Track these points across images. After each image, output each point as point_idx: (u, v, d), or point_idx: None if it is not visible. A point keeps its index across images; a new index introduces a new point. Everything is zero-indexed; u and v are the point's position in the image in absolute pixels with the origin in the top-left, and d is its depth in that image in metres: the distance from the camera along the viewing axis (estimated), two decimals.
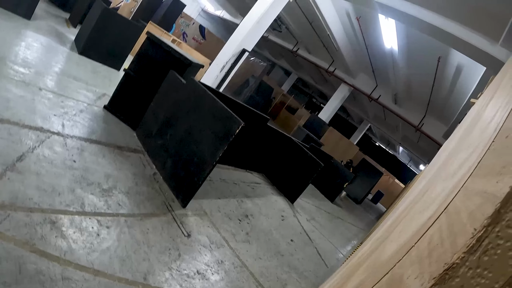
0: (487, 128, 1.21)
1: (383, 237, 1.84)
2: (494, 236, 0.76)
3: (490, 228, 0.77)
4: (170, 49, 5.08)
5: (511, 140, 0.87)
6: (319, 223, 7.45)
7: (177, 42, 12.00)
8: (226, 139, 3.87)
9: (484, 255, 0.76)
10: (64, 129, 3.87)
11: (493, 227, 0.77)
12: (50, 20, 9.16)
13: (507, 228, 0.75)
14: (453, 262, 0.79)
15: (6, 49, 5.11)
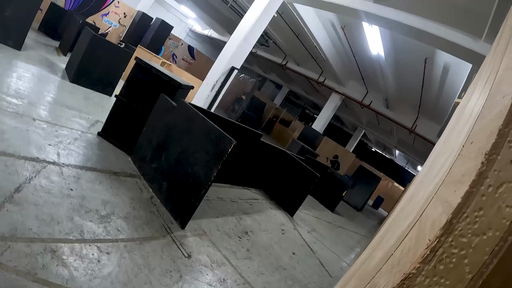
0: (462, 131, 1.25)
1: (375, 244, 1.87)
2: (448, 246, 0.81)
3: (443, 239, 0.82)
4: (159, 72, 5.16)
5: (475, 147, 0.91)
6: (320, 234, 7.45)
7: (166, 64, 12.13)
8: (219, 158, 3.91)
9: (440, 264, 0.81)
10: (59, 158, 3.90)
11: (446, 237, 0.81)
12: (40, 49, 9.27)
13: (460, 237, 0.80)
14: (409, 272, 0.83)
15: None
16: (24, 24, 7.46)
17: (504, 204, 0.79)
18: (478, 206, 0.82)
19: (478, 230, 0.80)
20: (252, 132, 6.69)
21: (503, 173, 0.82)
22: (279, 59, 21.66)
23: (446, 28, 6.89)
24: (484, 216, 0.80)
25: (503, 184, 0.81)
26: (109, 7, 17.50)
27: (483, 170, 0.84)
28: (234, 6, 16.27)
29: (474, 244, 0.79)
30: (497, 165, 0.83)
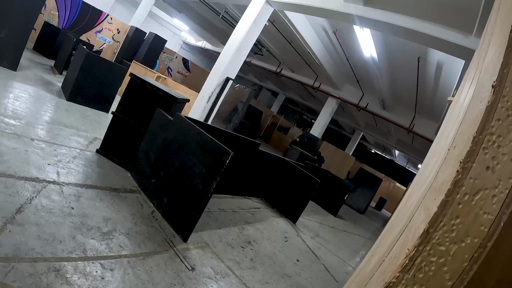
0: (449, 133, 1.26)
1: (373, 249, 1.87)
2: (426, 255, 0.83)
3: (421, 248, 0.83)
4: (154, 87, 5.19)
5: (455, 152, 0.93)
6: (324, 239, 7.44)
7: (162, 78, 12.18)
8: (218, 170, 3.93)
9: (419, 272, 0.83)
10: (59, 177, 3.92)
11: (424, 246, 0.83)
12: (36, 69, 9.34)
13: (438, 246, 0.82)
14: (390, 281, 0.85)
15: None
16: (18, 45, 7.53)
17: (481, 211, 0.81)
18: (454, 215, 0.84)
19: (456, 238, 0.81)
20: (250, 142, 6.71)
21: (479, 181, 0.83)
22: (273, 66, 21.77)
23: (437, 26, 6.93)
24: (461, 224, 0.82)
25: (479, 191, 0.83)
26: (102, 24, 17.66)
27: (459, 178, 0.86)
28: (226, 16, 16.39)
29: (453, 252, 0.81)
30: (472, 173, 0.85)
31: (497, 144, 0.84)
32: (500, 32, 0.96)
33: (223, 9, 15.94)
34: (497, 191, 0.80)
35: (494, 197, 0.80)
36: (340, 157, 18.91)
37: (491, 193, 0.81)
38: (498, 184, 0.81)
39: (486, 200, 0.81)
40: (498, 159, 0.83)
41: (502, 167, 0.81)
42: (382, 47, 10.68)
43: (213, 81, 10.32)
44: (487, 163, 0.84)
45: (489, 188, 0.81)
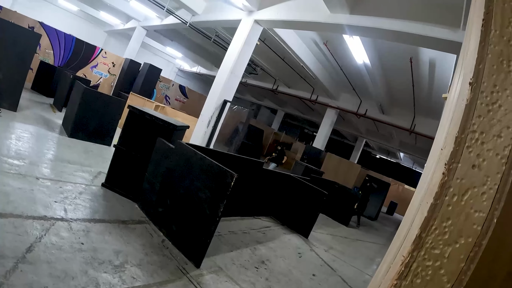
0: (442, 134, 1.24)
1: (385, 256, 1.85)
2: (421, 260, 0.82)
3: (416, 253, 0.83)
4: (153, 117, 5.24)
5: (444, 153, 0.92)
6: (338, 251, 7.35)
7: (160, 107, 12.28)
8: (223, 193, 3.93)
9: (416, 278, 0.82)
10: (67, 214, 3.93)
11: (418, 252, 0.83)
12: (35, 108, 9.46)
13: (432, 249, 0.81)
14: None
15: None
16: (16, 86, 7.69)
17: (472, 210, 0.81)
18: (445, 217, 0.83)
19: (449, 239, 0.81)
20: (253, 162, 6.73)
21: (466, 180, 0.83)
22: (269, 84, 21.94)
23: (424, 25, 6.94)
24: (453, 225, 0.82)
25: (468, 190, 0.82)
26: (97, 59, 17.93)
27: (445, 180, 0.86)
28: (217, 40, 16.61)
29: (448, 253, 0.80)
30: (459, 173, 0.85)
31: (481, 141, 0.84)
32: (476, 26, 0.97)
33: (213, 33, 16.19)
34: (486, 187, 0.80)
35: (484, 194, 0.80)
36: (346, 167, 18.80)
37: (480, 191, 0.81)
38: (486, 181, 0.81)
39: (476, 198, 0.81)
40: (483, 156, 0.83)
41: (489, 163, 0.82)
42: (373, 52, 10.77)
43: (211, 105, 10.41)
44: (473, 161, 0.84)
45: (478, 186, 0.81)
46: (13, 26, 7.61)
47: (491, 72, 0.87)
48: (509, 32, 0.87)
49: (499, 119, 0.83)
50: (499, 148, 0.81)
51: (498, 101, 0.84)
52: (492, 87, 0.86)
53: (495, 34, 0.89)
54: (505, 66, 0.85)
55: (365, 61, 10.91)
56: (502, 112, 0.83)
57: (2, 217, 3.28)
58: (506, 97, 0.84)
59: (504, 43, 0.87)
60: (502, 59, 0.86)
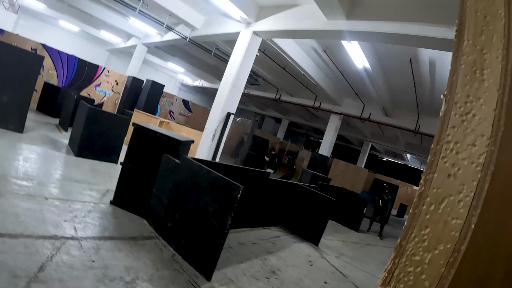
0: None
1: None
2: (403, 266, 0.86)
3: (397, 260, 0.86)
4: (158, 133, 5.30)
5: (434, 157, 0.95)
6: (349, 257, 7.30)
7: (165, 122, 12.35)
8: (230, 205, 3.96)
9: (399, 283, 0.85)
10: (77, 233, 3.97)
11: (400, 259, 0.86)
12: (42, 129, 9.58)
13: (413, 256, 0.85)
14: None
15: (6, 166, 5.38)
16: (22, 107, 7.79)
17: (449, 218, 0.83)
18: (424, 225, 0.87)
19: (429, 246, 0.84)
20: (259, 173, 6.75)
21: (443, 189, 0.86)
22: (272, 94, 22.02)
23: (420, 25, 6.93)
24: (431, 232, 0.85)
25: (444, 199, 0.85)
26: (100, 77, 18.17)
27: (422, 190, 0.89)
28: (218, 53, 16.75)
29: (428, 259, 0.83)
30: (435, 183, 0.88)
31: (456, 151, 0.87)
32: None
33: (214, 47, 16.33)
34: (462, 195, 0.83)
35: (460, 202, 0.83)
36: (353, 172, 18.77)
37: (457, 199, 0.83)
38: (462, 189, 0.83)
39: (453, 206, 0.83)
40: (458, 165, 0.86)
41: (464, 172, 0.84)
42: (373, 56, 10.80)
43: (215, 118, 10.47)
44: (448, 171, 0.86)
45: (454, 194, 0.84)
46: (16, 49, 7.77)
47: (465, 82, 0.90)
48: (482, 41, 0.89)
49: (473, 128, 0.85)
50: (474, 157, 0.84)
51: (472, 110, 0.87)
52: (465, 97, 0.89)
53: (468, 44, 0.91)
54: (479, 75, 0.88)
55: (365, 65, 10.94)
56: (476, 121, 0.86)
57: (13, 237, 3.32)
58: (480, 106, 0.86)
59: (477, 52, 0.89)
60: (475, 68, 0.89)
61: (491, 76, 0.86)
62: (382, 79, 12.75)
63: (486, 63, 0.87)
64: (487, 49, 0.88)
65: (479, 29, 0.90)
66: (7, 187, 4.54)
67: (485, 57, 0.88)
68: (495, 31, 0.87)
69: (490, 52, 0.87)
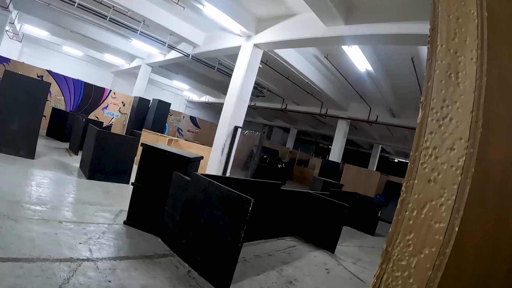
0: None
1: None
2: (390, 271, 0.88)
3: (385, 266, 0.88)
4: (167, 152, 5.35)
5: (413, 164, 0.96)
6: (366, 262, 7.22)
7: (174, 140, 12.47)
8: (242, 219, 3.97)
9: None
10: (92, 254, 4.01)
11: (387, 264, 0.88)
12: (52, 153, 9.72)
13: (399, 261, 0.87)
14: None
15: (19, 192, 5.48)
16: (32, 134, 7.97)
17: (432, 222, 0.85)
18: (407, 231, 0.88)
19: (414, 251, 0.86)
20: (270, 184, 6.76)
21: (424, 195, 0.88)
22: (278, 104, 22.07)
23: (418, 24, 6.89)
24: (416, 237, 0.86)
25: (426, 204, 0.87)
26: (107, 100, 18.43)
27: (404, 197, 0.91)
28: (221, 68, 16.90)
29: (414, 264, 0.85)
30: (416, 189, 0.89)
31: (435, 156, 0.88)
32: None
33: (216, 62, 16.48)
34: (444, 199, 0.84)
35: (442, 206, 0.84)
36: (365, 176, 18.62)
37: (438, 203, 0.85)
38: (443, 193, 0.85)
39: (435, 210, 0.85)
40: (438, 170, 0.87)
41: (444, 176, 0.85)
42: (374, 59, 10.80)
43: (223, 133, 10.54)
44: (428, 176, 0.88)
45: (435, 199, 0.85)
46: (23, 78, 7.98)
47: (440, 87, 0.91)
48: (455, 44, 0.90)
49: (451, 132, 0.87)
50: (453, 160, 0.85)
51: (448, 115, 0.88)
52: (441, 102, 0.90)
53: (442, 48, 0.93)
54: (454, 79, 0.89)
55: (368, 68, 10.96)
56: (454, 125, 0.87)
57: (30, 261, 3.37)
58: (457, 109, 0.87)
59: (451, 56, 0.90)
60: (449, 72, 0.90)
61: (466, 78, 0.87)
62: (386, 81, 12.74)
63: (461, 65, 0.88)
64: (461, 51, 0.89)
65: (451, 32, 0.92)
66: (21, 212, 4.62)
67: (460, 60, 0.89)
68: (468, 33, 0.88)
69: (464, 54, 0.88)
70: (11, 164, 7.05)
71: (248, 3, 9.79)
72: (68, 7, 13.11)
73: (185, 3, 10.60)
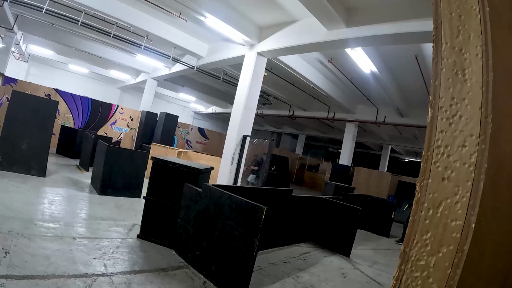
0: None
1: None
2: (409, 272, 0.87)
3: (403, 267, 0.88)
4: (177, 164, 5.38)
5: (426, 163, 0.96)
6: (383, 264, 7.13)
7: (183, 152, 12.50)
8: (256, 227, 3.97)
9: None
10: (107, 269, 4.02)
11: (405, 265, 0.87)
12: (63, 171, 9.82)
13: (417, 261, 0.86)
14: None
15: (31, 210, 5.54)
16: (42, 152, 8.07)
17: (448, 220, 0.84)
18: (424, 230, 0.88)
19: (432, 250, 0.85)
20: (282, 191, 6.76)
21: (438, 194, 0.87)
22: (285, 111, 22.07)
23: (418, 22, 6.84)
24: (433, 237, 0.86)
25: (441, 203, 0.86)
26: (115, 115, 18.61)
27: (419, 197, 0.90)
28: (226, 78, 16.99)
29: (433, 263, 0.84)
30: (430, 188, 0.89)
31: (447, 154, 0.88)
32: None
33: (221, 72, 16.59)
34: (459, 197, 0.83)
35: (457, 203, 0.83)
36: (376, 177, 18.48)
37: (453, 201, 0.84)
38: (457, 190, 0.84)
39: (450, 208, 0.84)
40: (451, 168, 0.87)
41: (457, 174, 0.85)
42: (378, 59, 10.76)
43: (231, 142, 10.57)
44: (441, 175, 0.87)
45: (450, 197, 0.85)
46: (31, 97, 8.12)
47: (447, 85, 0.91)
48: (459, 41, 0.90)
49: (461, 130, 0.86)
50: (465, 157, 0.84)
51: (458, 112, 0.88)
52: (450, 100, 0.90)
53: (446, 47, 0.93)
54: (460, 76, 0.89)
55: (372, 70, 10.93)
56: (464, 122, 0.86)
57: (45, 278, 3.38)
58: (465, 106, 0.87)
59: (456, 54, 0.90)
60: (456, 70, 0.90)
61: (473, 74, 0.87)
62: (391, 81, 12.69)
63: (466, 62, 0.88)
64: (466, 48, 0.89)
65: (455, 30, 0.91)
66: (35, 230, 4.67)
67: (465, 57, 0.89)
68: (471, 29, 0.88)
69: (469, 51, 0.88)
70: (23, 182, 7.13)
71: (249, 12, 9.86)
72: (71, 26, 13.36)
73: (187, 16, 10.70)
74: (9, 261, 3.54)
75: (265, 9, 9.42)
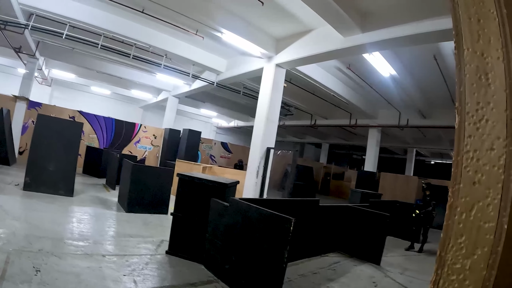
0: None
1: None
2: (446, 275, 0.88)
3: (440, 271, 0.89)
4: (203, 180, 5.46)
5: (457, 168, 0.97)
6: (414, 271, 6.94)
7: (208, 168, 12.59)
8: (285, 239, 3.96)
9: None
10: (137, 285, 4.08)
11: (442, 269, 0.89)
12: (90, 190, 10.05)
13: (453, 265, 0.87)
14: None
15: (61, 229, 5.68)
16: (69, 173, 8.31)
17: (482, 223, 0.86)
18: (458, 234, 0.89)
19: (467, 253, 0.87)
20: (308, 202, 6.73)
21: (470, 197, 0.89)
22: (307, 121, 22.00)
23: (433, 21, 6.72)
24: (467, 240, 0.87)
25: (474, 206, 0.88)
26: (139, 134, 18.99)
27: (451, 202, 0.92)
28: (246, 92, 17.07)
29: (468, 265, 0.86)
30: (462, 193, 0.91)
31: (476, 158, 0.89)
32: None
33: (241, 86, 16.69)
34: (490, 199, 0.85)
35: (489, 206, 0.85)
36: (403, 182, 18.16)
37: (485, 203, 0.85)
38: (488, 193, 0.85)
39: (483, 211, 0.86)
40: (481, 171, 0.88)
41: (487, 177, 0.86)
42: (397, 62, 10.62)
43: (256, 155, 10.60)
44: (472, 179, 0.89)
45: (482, 200, 0.86)
46: (56, 120, 8.42)
47: (472, 91, 0.92)
48: (480, 46, 0.91)
49: (488, 133, 0.88)
50: (494, 160, 0.86)
51: (484, 116, 0.89)
52: (475, 105, 0.91)
53: (468, 52, 0.94)
54: (484, 81, 0.90)
55: (392, 73, 10.81)
56: (490, 126, 0.88)
57: None
58: (491, 110, 0.88)
59: (478, 58, 0.92)
60: (479, 75, 0.91)
61: (496, 78, 0.88)
62: (411, 82, 12.51)
63: (489, 66, 0.90)
64: (487, 52, 0.90)
65: (475, 35, 0.93)
66: (65, 249, 4.79)
67: (487, 61, 0.90)
68: (491, 32, 0.90)
69: (490, 54, 0.90)
70: (51, 203, 7.35)
71: (265, 25, 9.96)
72: (91, 49, 13.79)
73: (203, 33, 10.88)
74: (40, 279, 3.63)
75: (280, 21, 9.50)
